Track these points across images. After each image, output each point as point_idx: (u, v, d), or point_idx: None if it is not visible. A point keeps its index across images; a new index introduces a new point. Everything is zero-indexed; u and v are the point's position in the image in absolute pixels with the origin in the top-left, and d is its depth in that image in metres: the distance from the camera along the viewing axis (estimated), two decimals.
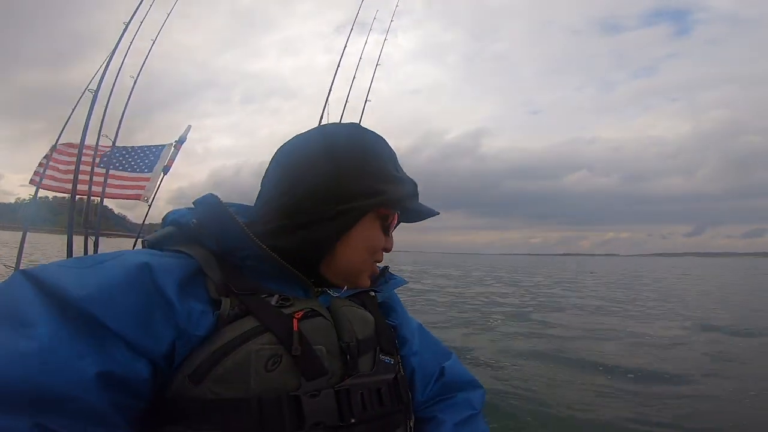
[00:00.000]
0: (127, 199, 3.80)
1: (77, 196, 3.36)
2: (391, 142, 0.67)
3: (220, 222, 0.54)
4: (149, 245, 0.57)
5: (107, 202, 3.95)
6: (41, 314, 0.41)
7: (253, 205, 0.65)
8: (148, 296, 0.45)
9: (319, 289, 0.60)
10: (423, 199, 0.68)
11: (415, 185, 0.66)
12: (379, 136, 0.65)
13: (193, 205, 0.57)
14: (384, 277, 0.71)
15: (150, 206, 3.85)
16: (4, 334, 0.39)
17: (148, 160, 3.87)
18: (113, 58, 3.60)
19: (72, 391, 0.39)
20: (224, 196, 0.58)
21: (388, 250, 0.65)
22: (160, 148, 3.98)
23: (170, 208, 0.60)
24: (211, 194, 0.54)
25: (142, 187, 3.77)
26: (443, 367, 0.73)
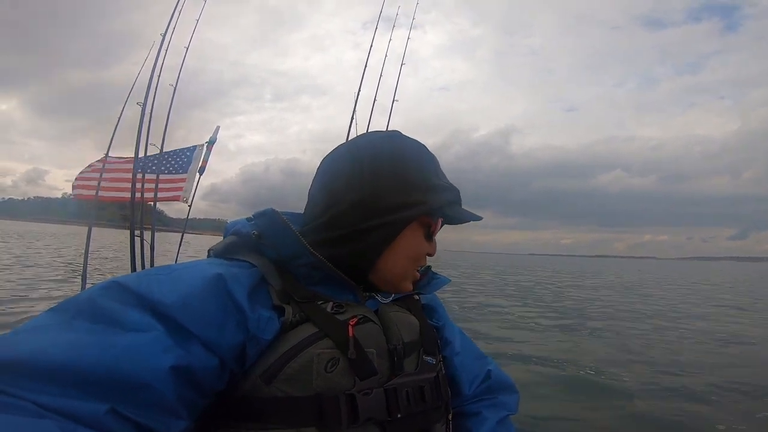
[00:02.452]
0: (168, 201, 4.12)
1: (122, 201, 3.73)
2: (419, 140, 0.68)
3: (280, 234, 0.58)
4: (215, 254, 0.62)
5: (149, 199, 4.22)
6: (132, 316, 0.46)
7: (297, 212, 0.69)
8: (224, 304, 0.50)
9: (367, 294, 0.64)
10: None
11: (457, 192, 0.68)
12: (420, 143, 0.68)
13: (250, 217, 0.62)
14: (427, 277, 0.73)
15: (190, 206, 4.13)
16: (96, 329, 0.44)
17: (183, 162, 4.12)
18: (150, 66, 3.82)
19: (149, 380, 0.43)
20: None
21: (431, 254, 0.69)
22: (193, 149, 4.19)
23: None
24: (272, 209, 0.60)
25: (180, 189, 4.08)
26: (489, 370, 0.79)
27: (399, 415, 0.55)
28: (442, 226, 0.70)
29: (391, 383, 0.56)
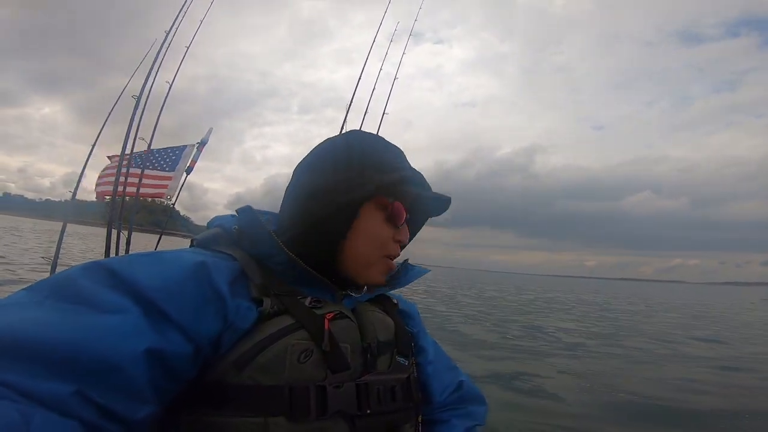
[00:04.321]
0: (151, 197, 4.05)
1: (116, 197, 3.65)
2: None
3: (256, 231, 0.59)
4: (197, 244, 0.63)
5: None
6: (109, 297, 0.45)
7: (275, 212, 0.70)
8: (204, 290, 0.50)
9: (343, 293, 0.64)
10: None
11: (420, 175, 0.68)
12: (379, 136, 0.69)
13: (236, 213, 0.63)
14: (403, 270, 0.72)
15: (174, 205, 4.11)
16: (69, 308, 0.43)
17: (171, 160, 4.09)
18: (152, 64, 3.84)
19: (121, 361, 0.42)
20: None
21: (401, 241, 0.67)
22: (182, 148, 4.18)
23: (228, 213, 0.67)
24: (248, 206, 0.61)
25: (165, 186, 4.01)
26: (462, 381, 0.80)
27: (368, 411, 0.55)
28: (407, 215, 0.67)
29: (362, 379, 0.56)
